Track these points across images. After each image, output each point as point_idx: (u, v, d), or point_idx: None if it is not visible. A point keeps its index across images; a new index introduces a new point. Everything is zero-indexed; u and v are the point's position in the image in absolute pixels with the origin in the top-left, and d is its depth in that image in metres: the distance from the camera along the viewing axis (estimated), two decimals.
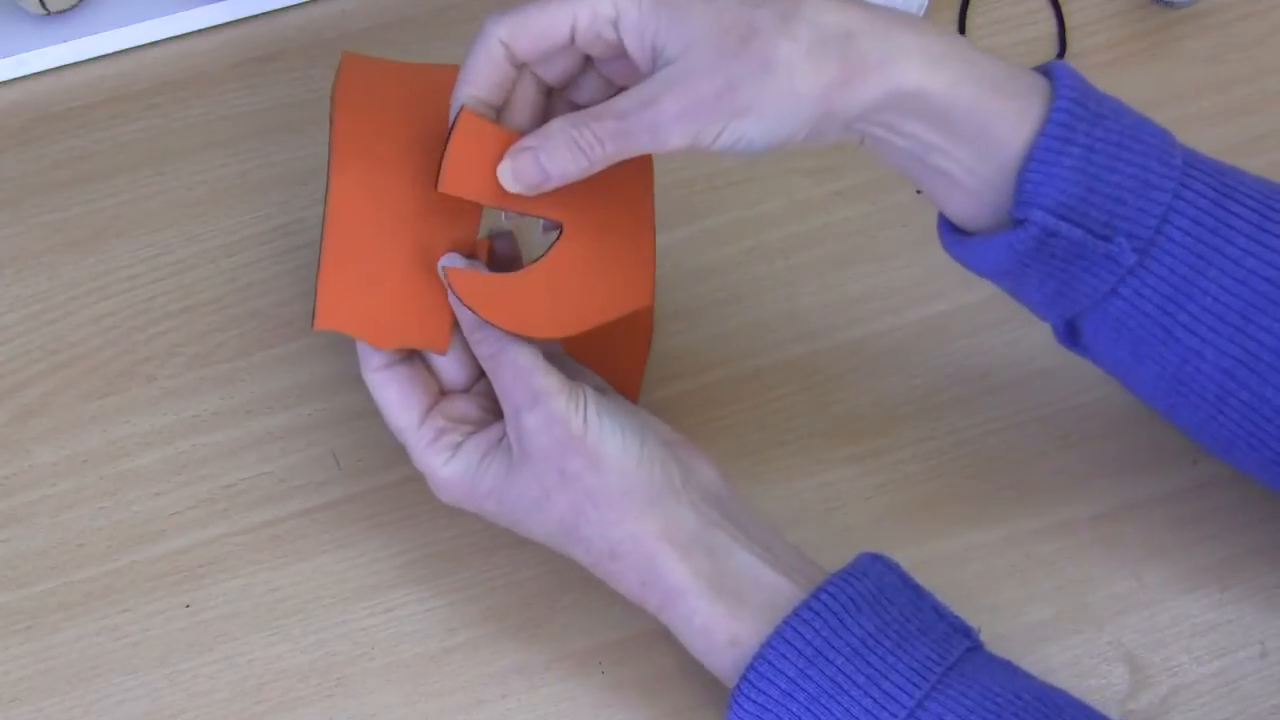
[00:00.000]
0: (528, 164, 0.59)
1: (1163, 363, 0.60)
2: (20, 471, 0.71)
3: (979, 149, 0.57)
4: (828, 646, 0.57)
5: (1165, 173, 0.58)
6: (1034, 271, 0.59)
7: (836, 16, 0.56)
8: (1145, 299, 0.58)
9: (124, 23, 0.80)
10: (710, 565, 0.60)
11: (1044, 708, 0.57)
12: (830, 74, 0.56)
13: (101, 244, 0.76)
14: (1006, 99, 0.57)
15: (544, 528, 0.62)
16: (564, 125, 0.58)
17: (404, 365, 0.63)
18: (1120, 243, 0.57)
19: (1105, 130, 0.57)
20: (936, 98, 0.56)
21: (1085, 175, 0.57)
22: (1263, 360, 0.58)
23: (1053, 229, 0.57)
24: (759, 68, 0.56)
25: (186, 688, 0.67)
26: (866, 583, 0.59)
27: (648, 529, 0.60)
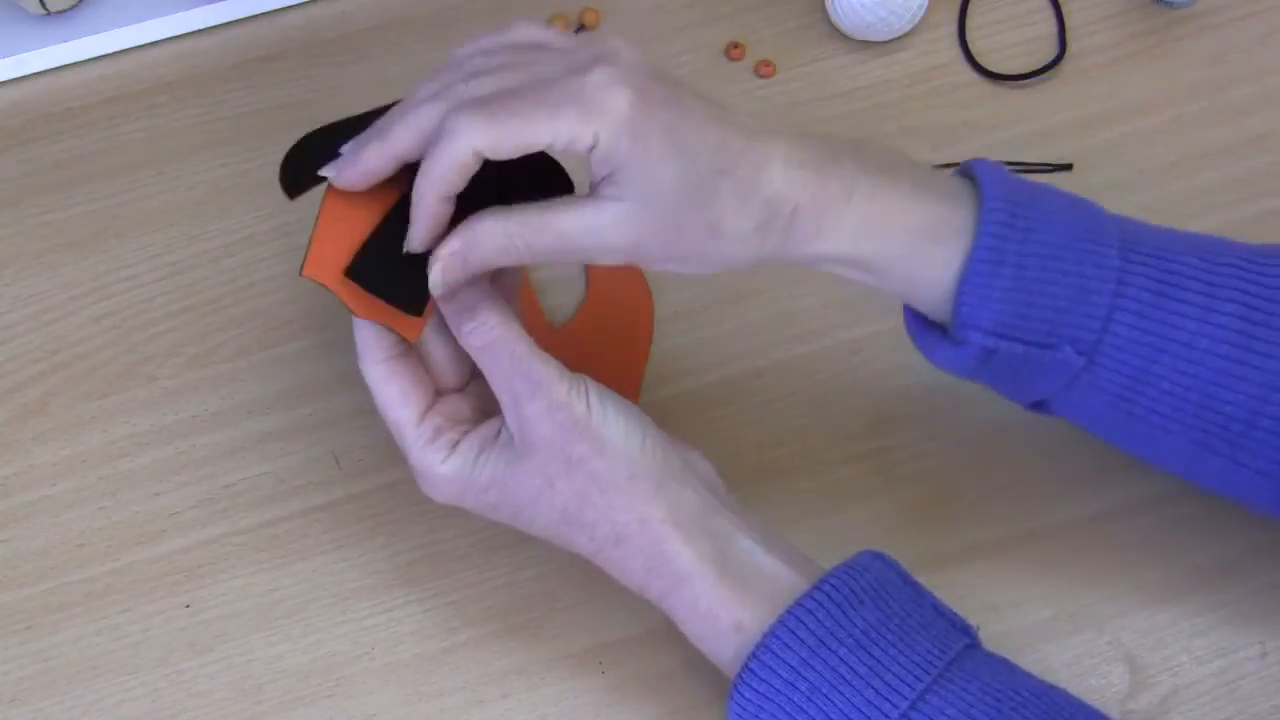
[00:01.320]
0: (455, 268, 0.58)
1: (1132, 438, 0.62)
2: (20, 471, 0.71)
3: (914, 287, 0.60)
4: (830, 637, 0.58)
5: (1101, 275, 0.58)
6: (986, 378, 0.62)
7: (788, 191, 0.58)
8: (1101, 391, 0.60)
9: (124, 23, 0.80)
10: (715, 550, 0.60)
11: (1043, 704, 0.57)
12: (766, 249, 0.59)
13: (101, 244, 0.76)
14: (937, 245, 0.59)
15: (546, 517, 0.62)
16: (495, 229, 0.57)
17: (405, 360, 0.62)
18: (1065, 349, 0.59)
19: (1036, 244, 0.58)
20: (865, 259, 0.60)
21: (1019, 293, 0.58)
22: (1231, 430, 0.59)
23: (992, 347, 0.59)
24: (707, 231, 0.57)
25: (186, 688, 0.67)
26: (868, 577, 0.59)
27: (654, 513, 0.60)
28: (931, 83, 0.80)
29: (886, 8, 0.78)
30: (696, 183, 0.56)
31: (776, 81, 0.81)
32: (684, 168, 0.56)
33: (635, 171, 0.56)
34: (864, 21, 0.79)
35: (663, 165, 0.56)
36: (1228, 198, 0.77)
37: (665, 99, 0.57)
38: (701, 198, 0.57)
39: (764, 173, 0.57)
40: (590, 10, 0.82)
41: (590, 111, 0.55)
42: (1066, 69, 0.81)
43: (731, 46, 0.81)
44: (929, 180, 0.60)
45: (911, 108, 0.80)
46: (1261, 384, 0.58)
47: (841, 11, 0.79)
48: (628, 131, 0.55)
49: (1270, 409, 0.58)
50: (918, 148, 0.78)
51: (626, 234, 0.57)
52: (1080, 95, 0.80)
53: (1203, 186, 0.77)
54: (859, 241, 0.59)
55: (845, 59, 0.81)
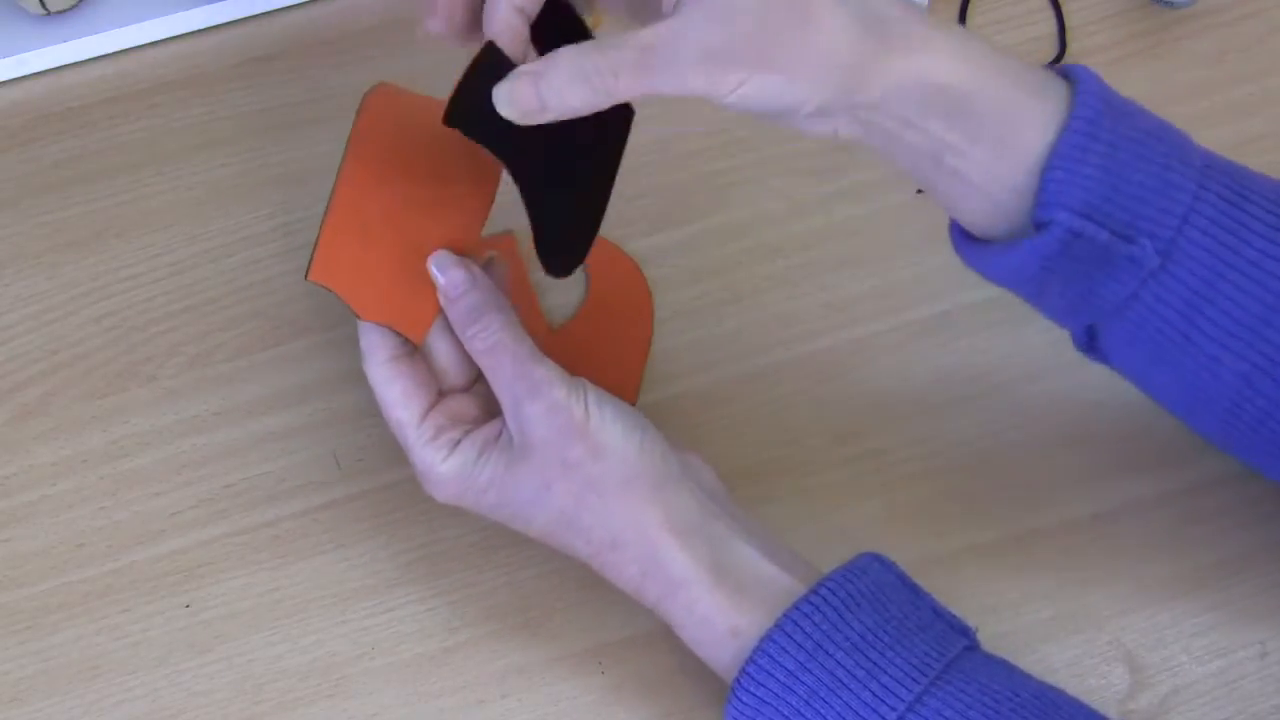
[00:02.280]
0: (525, 89, 0.54)
1: (1180, 369, 0.60)
2: (20, 471, 0.71)
3: (999, 149, 0.57)
4: (827, 640, 0.57)
5: (1186, 173, 0.57)
6: (1056, 277, 0.58)
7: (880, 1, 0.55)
8: (1166, 304, 0.58)
9: (124, 23, 0.80)
10: (711, 555, 0.60)
11: (1041, 705, 0.57)
12: (866, 44, 0.55)
13: (101, 244, 0.76)
14: (1031, 97, 0.57)
15: (543, 519, 0.62)
16: (574, 52, 0.54)
17: (408, 361, 0.62)
18: (1144, 244, 0.57)
19: (1128, 129, 0.57)
20: (962, 91, 0.56)
21: (1109, 175, 0.56)
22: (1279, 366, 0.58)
23: (1078, 230, 0.56)
24: (800, 19, 0.54)
25: (186, 688, 0.67)
26: (866, 580, 0.59)
27: (650, 517, 0.60)
28: None
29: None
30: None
31: None
32: None
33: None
34: None
35: None
36: None
37: None
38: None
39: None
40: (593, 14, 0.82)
41: None
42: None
43: None
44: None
45: None
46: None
47: None
48: None
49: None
50: None
51: (711, 30, 0.53)
52: None
53: None
54: (961, 65, 0.56)
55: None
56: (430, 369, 0.64)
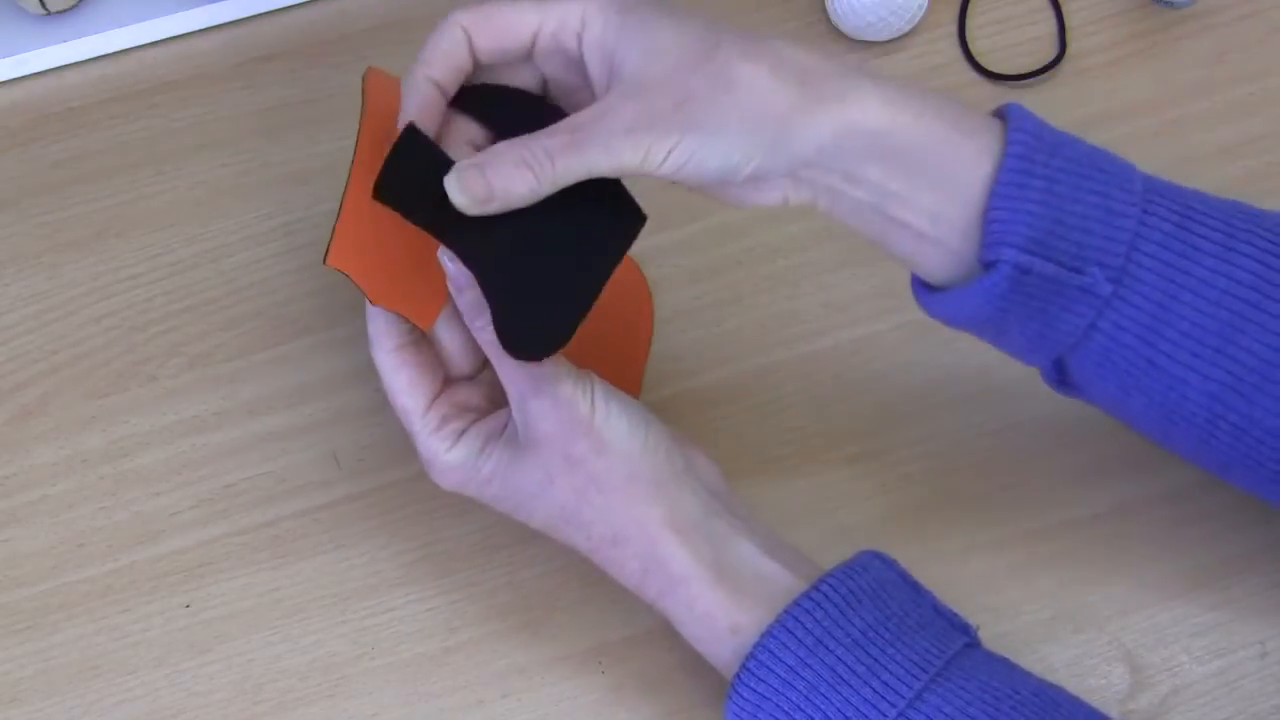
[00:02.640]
0: (473, 178, 0.57)
1: (1150, 393, 0.60)
2: (20, 471, 0.71)
3: (941, 192, 0.57)
4: (828, 636, 0.58)
5: (1128, 199, 0.58)
6: (1013, 316, 0.59)
7: (799, 53, 0.57)
8: (1125, 330, 0.58)
9: (124, 23, 0.80)
10: (712, 553, 0.60)
11: (1041, 704, 0.57)
12: (789, 97, 0.56)
13: (101, 244, 0.76)
14: (965, 136, 0.57)
15: (545, 513, 0.62)
16: (512, 144, 0.56)
17: (415, 349, 0.62)
18: (1094, 273, 0.57)
19: (1064, 160, 0.57)
20: (896, 135, 0.57)
21: (1050, 208, 0.57)
22: (1247, 381, 0.58)
23: (1025, 266, 0.57)
24: (720, 83, 0.55)
25: (186, 688, 0.67)
26: (867, 577, 0.59)
27: (652, 514, 0.60)
28: (931, 83, 0.80)
29: (886, 8, 0.78)
30: (695, 39, 0.56)
31: None
32: (679, 28, 0.56)
33: (630, 44, 0.56)
34: (864, 21, 0.79)
35: (656, 31, 0.56)
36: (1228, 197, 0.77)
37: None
38: (705, 49, 0.55)
39: (762, 39, 0.56)
40: None
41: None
42: (1066, 69, 0.81)
43: None
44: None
45: None
46: (1279, 333, 0.57)
47: (841, 11, 0.79)
48: (615, 10, 0.56)
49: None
50: None
51: (635, 104, 0.55)
52: (1080, 95, 0.80)
53: (1203, 186, 0.77)
54: (891, 110, 0.56)
55: (845, 59, 0.81)
56: (437, 357, 0.64)
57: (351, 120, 0.81)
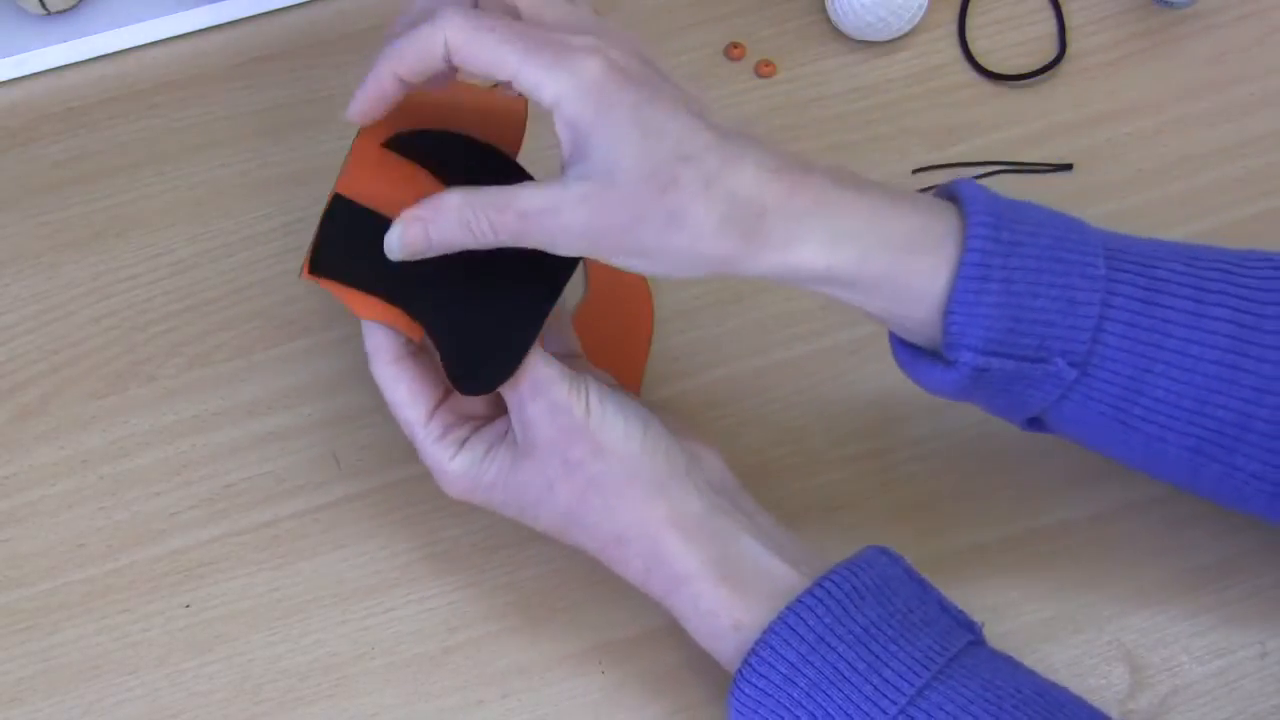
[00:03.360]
0: (416, 234, 0.58)
1: (1127, 446, 0.61)
2: (20, 471, 0.71)
3: (898, 303, 0.59)
4: (830, 633, 0.58)
5: (1089, 286, 0.58)
6: (979, 396, 0.60)
7: (754, 189, 0.56)
8: (1096, 401, 0.59)
9: (124, 23, 0.80)
10: (715, 550, 0.60)
11: (1044, 703, 0.57)
12: (730, 247, 0.57)
13: (101, 244, 0.76)
14: (918, 256, 0.58)
15: (549, 518, 0.62)
16: (460, 203, 0.57)
17: (413, 360, 0.63)
18: (1057, 362, 0.58)
19: (1021, 259, 0.57)
20: (843, 273, 0.58)
21: (1008, 309, 0.57)
22: (1227, 435, 0.59)
23: (982, 365, 0.58)
24: (667, 219, 0.56)
25: (186, 688, 0.67)
26: (871, 573, 0.59)
27: (653, 514, 0.60)
28: (931, 83, 0.80)
29: (886, 8, 0.78)
30: (658, 165, 0.55)
31: (776, 81, 0.81)
32: (647, 146, 0.55)
33: (598, 144, 0.55)
34: (864, 21, 0.79)
35: (625, 140, 0.55)
36: (1228, 198, 0.77)
37: (641, 78, 0.56)
38: (662, 182, 0.55)
39: (730, 168, 0.56)
40: None
41: (561, 65, 0.55)
42: (1066, 69, 0.81)
43: (731, 46, 0.81)
44: (905, 195, 0.59)
45: (911, 108, 0.80)
46: (1255, 388, 0.58)
47: (841, 11, 0.79)
48: (593, 98, 0.55)
49: (1264, 412, 0.58)
50: (918, 148, 0.78)
51: (585, 215, 0.56)
52: (1080, 95, 0.80)
53: (1203, 186, 0.77)
54: (835, 252, 0.57)
55: (845, 59, 0.81)
56: (436, 367, 0.64)
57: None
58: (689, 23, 0.82)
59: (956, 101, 0.80)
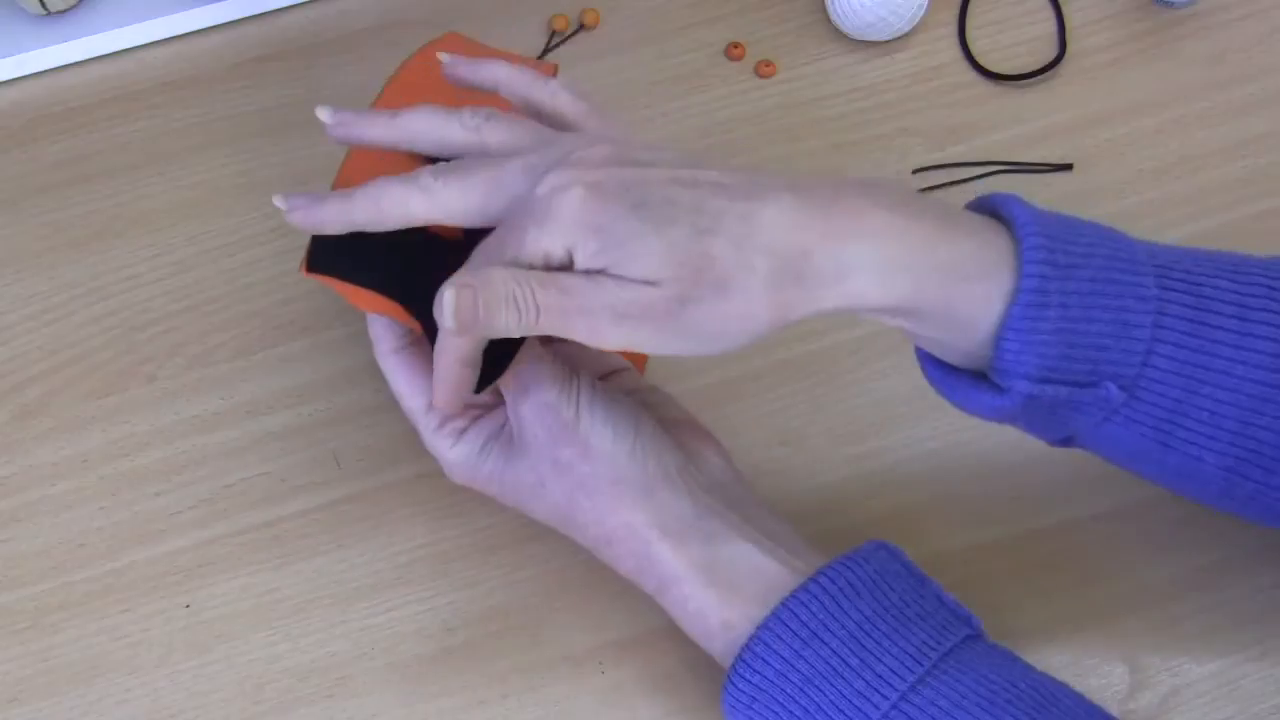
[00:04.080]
0: (468, 302, 0.55)
1: (1163, 466, 0.60)
2: (20, 471, 0.71)
3: (950, 331, 0.56)
4: (824, 629, 0.58)
5: (1142, 307, 0.56)
6: (1021, 420, 0.59)
7: (791, 235, 0.54)
8: (1138, 423, 0.58)
9: (124, 23, 0.80)
10: (704, 553, 0.60)
11: (1039, 698, 0.57)
12: (784, 298, 0.54)
13: (101, 244, 0.76)
14: (973, 283, 0.55)
15: (543, 512, 0.63)
16: (505, 277, 0.55)
17: (413, 350, 0.63)
18: (1108, 387, 0.56)
19: (1077, 282, 0.55)
20: (895, 305, 0.55)
21: (1063, 334, 0.55)
22: (1265, 454, 0.58)
23: (1036, 394, 0.56)
24: (715, 293, 0.54)
25: (186, 688, 0.67)
26: (867, 568, 0.59)
27: (640, 519, 0.61)
28: (931, 83, 0.80)
29: (886, 8, 0.78)
30: (684, 252, 0.53)
31: (776, 81, 0.81)
32: (664, 241, 0.53)
33: (622, 257, 0.54)
34: (864, 21, 0.79)
35: (642, 247, 0.53)
36: (1228, 198, 0.77)
37: (622, 184, 0.54)
38: (696, 263, 0.53)
39: (754, 223, 0.54)
40: (590, 10, 0.82)
41: (547, 225, 0.54)
42: (1066, 69, 0.81)
43: (731, 46, 0.81)
44: (952, 216, 0.56)
45: (911, 108, 0.80)
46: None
47: (841, 11, 0.79)
48: (590, 231, 0.54)
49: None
50: (918, 148, 0.78)
51: (632, 293, 0.54)
52: (1080, 95, 0.80)
53: (1203, 186, 0.77)
54: (890, 281, 0.54)
55: (845, 59, 0.81)
56: None
57: None
58: (689, 23, 0.82)
59: (956, 101, 0.80)
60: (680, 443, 0.63)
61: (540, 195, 0.55)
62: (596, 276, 0.54)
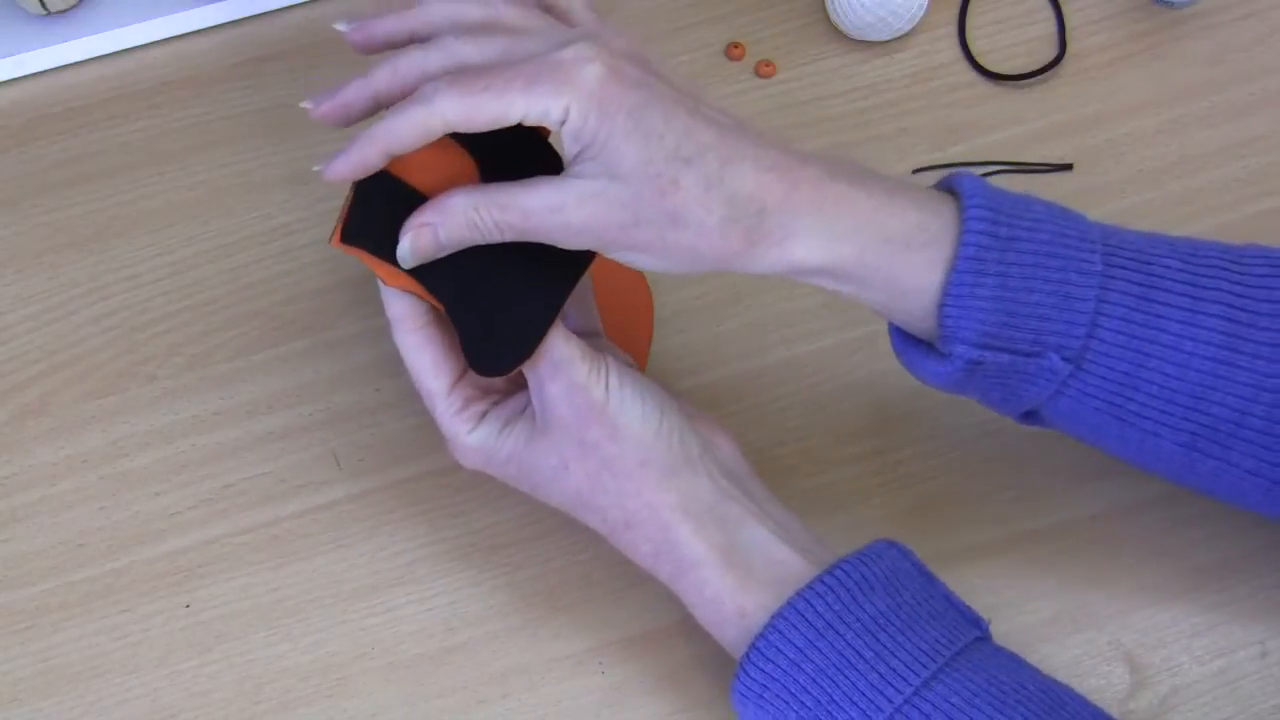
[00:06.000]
0: (426, 240, 0.59)
1: (1123, 440, 0.61)
2: (20, 471, 0.71)
3: (894, 297, 0.59)
4: (839, 621, 0.58)
5: (1085, 281, 0.58)
6: (974, 388, 0.61)
7: (754, 188, 0.57)
8: (1091, 396, 0.60)
9: (124, 23, 0.80)
10: (723, 538, 0.60)
11: (1047, 700, 0.57)
12: (731, 245, 0.58)
13: (101, 244, 0.76)
14: (915, 252, 0.58)
15: (561, 496, 0.63)
16: (465, 204, 0.58)
17: (437, 328, 0.63)
18: (1051, 357, 0.58)
19: (1018, 254, 0.58)
20: (837, 268, 0.59)
21: (1003, 303, 0.58)
22: (1221, 431, 0.59)
23: (976, 359, 0.59)
24: (668, 219, 0.57)
25: (186, 688, 0.67)
26: (880, 565, 0.60)
27: (664, 500, 0.61)
28: (931, 83, 0.80)
29: (886, 8, 0.78)
30: (659, 167, 0.56)
31: (776, 81, 0.81)
32: (647, 149, 0.56)
33: (600, 149, 0.56)
34: (864, 21, 0.79)
35: (626, 144, 0.56)
36: (1228, 198, 0.77)
37: (637, 80, 0.57)
38: (663, 183, 0.56)
39: (729, 168, 0.57)
40: None
41: (561, 85, 0.56)
42: (1066, 69, 0.81)
43: (731, 46, 0.81)
44: (904, 189, 0.60)
45: (911, 108, 0.80)
46: (1249, 384, 0.58)
47: (841, 11, 0.79)
48: (595, 106, 0.56)
49: (1258, 409, 0.58)
50: (918, 148, 0.78)
51: (587, 214, 0.57)
52: (1080, 95, 0.80)
53: (1203, 186, 0.78)
54: (833, 247, 0.58)
55: (845, 59, 0.81)
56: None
57: None
58: (689, 23, 0.82)
59: (956, 101, 0.80)
60: (695, 431, 0.63)
61: (564, 57, 0.56)
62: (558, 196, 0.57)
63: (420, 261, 0.60)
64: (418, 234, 0.59)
